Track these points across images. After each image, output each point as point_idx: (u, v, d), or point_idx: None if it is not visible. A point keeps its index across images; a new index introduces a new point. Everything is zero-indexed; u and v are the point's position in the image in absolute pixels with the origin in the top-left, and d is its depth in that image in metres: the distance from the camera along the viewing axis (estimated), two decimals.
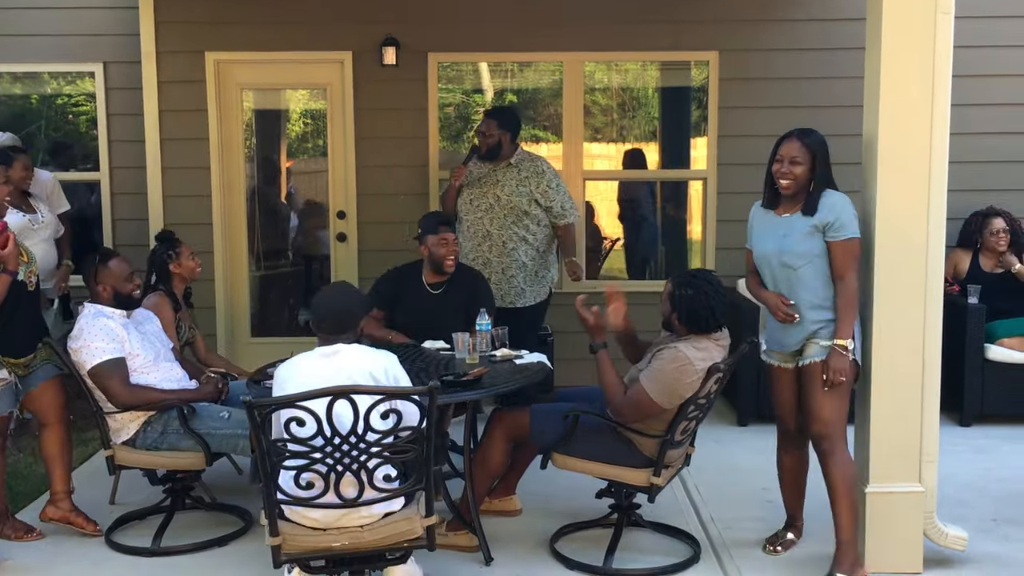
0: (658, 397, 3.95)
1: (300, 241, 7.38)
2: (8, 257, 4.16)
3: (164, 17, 6.67)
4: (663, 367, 3.96)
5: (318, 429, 3.31)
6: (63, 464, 4.55)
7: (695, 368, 3.93)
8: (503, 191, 5.87)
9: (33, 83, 7.16)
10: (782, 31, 6.72)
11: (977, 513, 4.71)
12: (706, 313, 3.98)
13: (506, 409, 4.44)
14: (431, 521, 3.53)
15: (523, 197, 5.86)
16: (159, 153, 6.77)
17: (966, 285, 6.28)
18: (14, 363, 4.35)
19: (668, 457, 4.08)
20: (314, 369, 3.55)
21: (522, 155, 5.98)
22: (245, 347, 7.08)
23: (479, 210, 5.91)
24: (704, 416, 4.17)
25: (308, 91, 7.25)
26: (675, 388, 3.95)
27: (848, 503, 3.94)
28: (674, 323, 4.07)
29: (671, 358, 3.96)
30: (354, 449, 3.34)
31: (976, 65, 6.47)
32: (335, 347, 3.61)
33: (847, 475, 3.94)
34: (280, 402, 3.40)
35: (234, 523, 4.60)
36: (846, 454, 3.98)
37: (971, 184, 6.44)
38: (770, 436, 4.42)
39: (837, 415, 3.94)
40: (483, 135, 5.93)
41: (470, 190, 5.96)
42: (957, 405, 6.15)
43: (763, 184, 4.10)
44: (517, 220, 5.87)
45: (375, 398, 3.32)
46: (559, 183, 5.98)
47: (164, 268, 5.06)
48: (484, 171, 5.96)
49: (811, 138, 3.96)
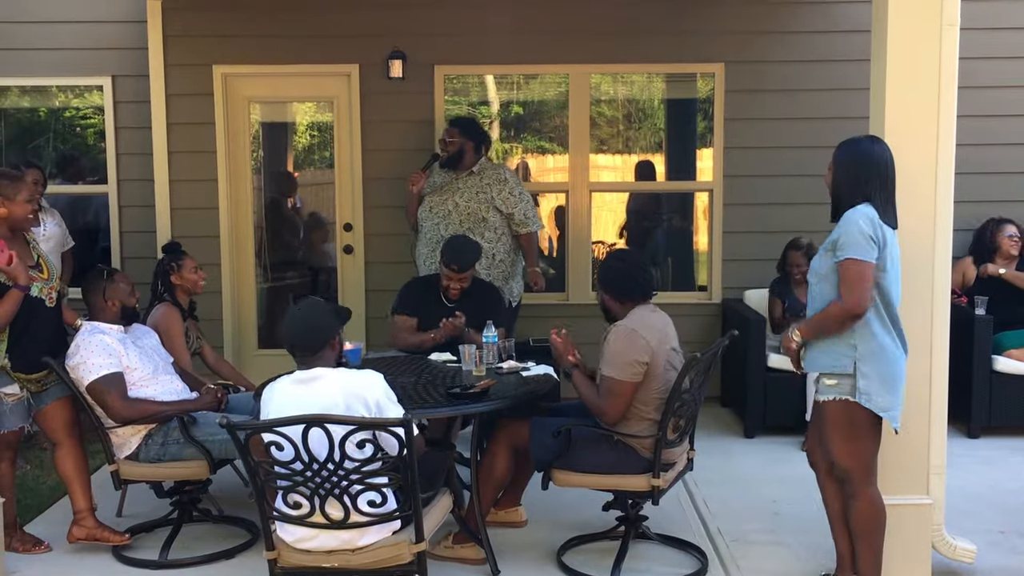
0: (620, 374, 3.98)
1: (307, 253, 7.40)
2: (13, 273, 4.17)
3: (172, 31, 6.71)
4: (610, 347, 4.04)
5: (296, 454, 3.31)
6: (81, 482, 4.52)
7: (638, 333, 4.00)
8: (462, 197, 5.88)
9: (41, 96, 7.20)
10: (787, 43, 6.74)
11: (985, 525, 4.69)
12: (629, 281, 4.11)
13: (509, 418, 4.44)
14: (421, 547, 3.51)
15: (482, 203, 5.87)
16: (167, 166, 6.80)
17: (973, 296, 6.27)
18: (27, 379, 4.35)
19: (666, 456, 4.08)
20: (288, 396, 3.51)
21: (485, 164, 6.01)
22: (252, 359, 7.09)
23: (436, 216, 5.92)
24: (695, 413, 4.18)
25: (315, 104, 7.28)
26: (629, 356, 3.98)
27: (867, 546, 3.79)
28: (609, 304, 4.17)
29: (613, 337, 4.05)
30: (333, 476, 3.34)
31: (984, 77, 6.49)
32: (313, 372, 3.53)
33: (866, 519, 3.77)
34: (255, 427, 3.41)
35: (241, 535, 4.61)
36: (867, 498, 3.76)
37: (978, 195, 6.45)
38: (777, 448, 4.42)
39: (854, 459, 3.73)
40: (445, 142, 5.94)
41: (431, 198, 5.97)
42: (965, 416, 6.12)
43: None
44: (473, 227, 5.83)
45: (350, 428, 3.29)
46: (522, 191, 6.00)
47: (167, 280, 5.09)
48: (446, 179, 5.97)
49: (841, 148, 3.76)
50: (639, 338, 3.99)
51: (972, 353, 6.03)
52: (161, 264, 5.14)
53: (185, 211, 6.83)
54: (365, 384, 3.52)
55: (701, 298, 6.97)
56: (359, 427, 3.31)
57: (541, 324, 6.63)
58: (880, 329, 3.62)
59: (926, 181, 3.93)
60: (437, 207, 5.93)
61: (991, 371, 6.10)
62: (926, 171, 3.93)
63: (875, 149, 3.70)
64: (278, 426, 3.31)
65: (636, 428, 4.08)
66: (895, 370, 3.66)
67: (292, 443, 3.29)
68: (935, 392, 4.01)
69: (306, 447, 3.29)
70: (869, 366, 3.62)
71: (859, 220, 3.56)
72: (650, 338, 4.02)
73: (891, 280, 3.64)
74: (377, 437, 3.41)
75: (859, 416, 3.66)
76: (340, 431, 3.28)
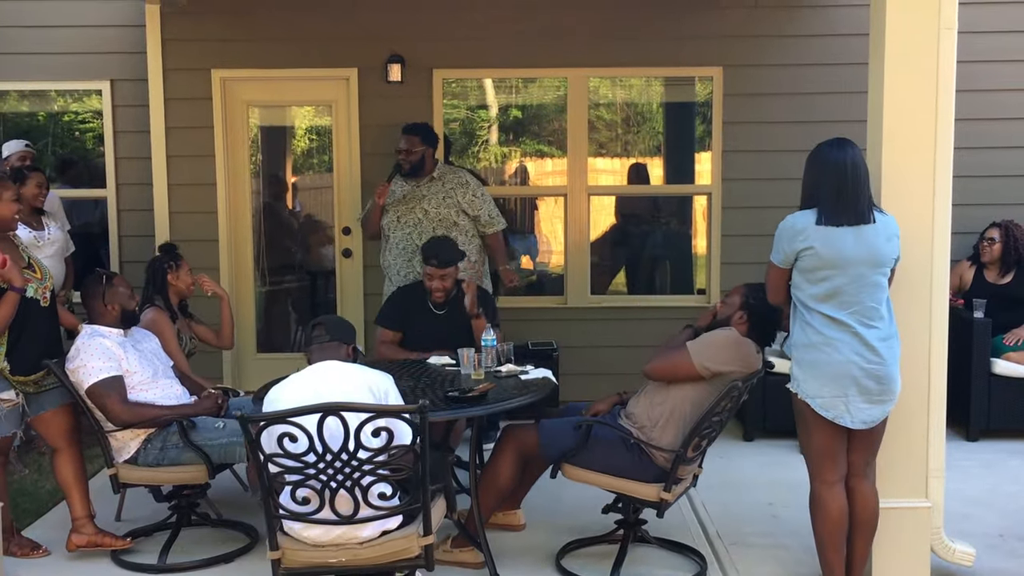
0: (697, 357, 4.05)
1: (305, 257, 7.40)
2: (8, 275, 4.17)
3: (171, 35, 6.71)
4: (714, 334, 4.15)
5: (310, 445, 3.31)
6: (80, 489, 4.51)
7: (741, 350, 4.08)
8: (430, 204, 5.89)
9: (40, 101, 7.21)
10: (786, 47, 6.74)
11: (984, 528, 4.69)
12: (772, 328, 4.21)
13: (516, 425, 4.44)
14: (429, 541, 3.52)
15: (451, 208, 5.90)
16: (165, 170, 6.80)
17: (971, 299, 6.28)
18: (24, 380, 4.35)
19: (679, 472, 4.08)
20: (306, 383, 3.55)
21: (443, 168, 6.04)
22: (251, 363, 7.09)
23: (407, 226, 5.91)
24: (717, 435, 4.18)
25: (314, 108, 7.29)
26: (712, 351, 4.07)
27: (825, 550, 3.90)
28: (735, 322, 4.20)
29: (725, 334, 4.14)
30: (346, 466, 3.34)
31: (983, 80, 6.50)
32: (328, 363, 3.62)
33: (811, 512, 3.91)
34: (272, 417, 3.41)
35: (240, 539, 4.60)
36: (814, 493, 3.90)
37: (978, 199, 6.46)
38: (776, 452, 4.43)
39: (804, 450, 3.95)
40: (406, 152, 5.91)
41: (395, 208, 5.95)
42: (963, 420, 6.13)
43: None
44: (446, 232, 5.83)
45: (366, 415, 3.32)
46: (484, 192, 6.04)
47: (163, 277, 5.07)
48: (407, 188, 5.97)
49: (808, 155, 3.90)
50: (736, 352, 4.08)
51: (971, 356, 6.04)
52: (157, 262, 5.11)
53: (184, 215, 6.83)
54: (378, 377, 3.61)
55: (700, 301, 6.97)
56: (376, 414, 3.33)
57: (540, 328, 6.65)
58: (812, 320, 3.75)
59: (924, 184, 3.93)
60: (405, 216, 5.92)
61: (990, 374, 6.10)
62: (924, 174, 3.93)
63: (830, 153, 3.79)
64: (297, 415, 3.31)
65: (668, 436, 4.10)
66: (827, 360, 3.72)
67: (307, 433, 3.29)
68: (933, 395, 4.01)
69: (321, 437, 3.29)
70: (799, 353, 3.82)
71: (780, 227, 3.83)
72: (738, 363, 4.07)
73: (837, 276, 3.69)
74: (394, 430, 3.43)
75: (799, 404, 3.85)
76: (355, 420, 3.29)
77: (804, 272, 3.76)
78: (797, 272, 3.79)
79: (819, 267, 3.71)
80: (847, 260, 3.68)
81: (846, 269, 3.69)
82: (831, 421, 3.76)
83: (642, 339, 6.56)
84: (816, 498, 3.89)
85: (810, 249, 3.70)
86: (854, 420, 3.75)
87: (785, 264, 3.81)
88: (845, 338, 3.71)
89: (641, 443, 4.12)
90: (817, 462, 3.87)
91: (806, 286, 3.77)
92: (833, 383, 3.73)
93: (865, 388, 3.72)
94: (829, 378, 3.73)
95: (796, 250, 3.74)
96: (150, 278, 5.10)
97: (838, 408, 3.74)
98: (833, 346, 3.71)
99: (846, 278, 3.69)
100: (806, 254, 3.72)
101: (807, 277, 3.75)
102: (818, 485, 3.88)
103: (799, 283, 3.80)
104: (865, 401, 3.73)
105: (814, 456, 3.88)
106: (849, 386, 3.72)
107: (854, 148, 3.79)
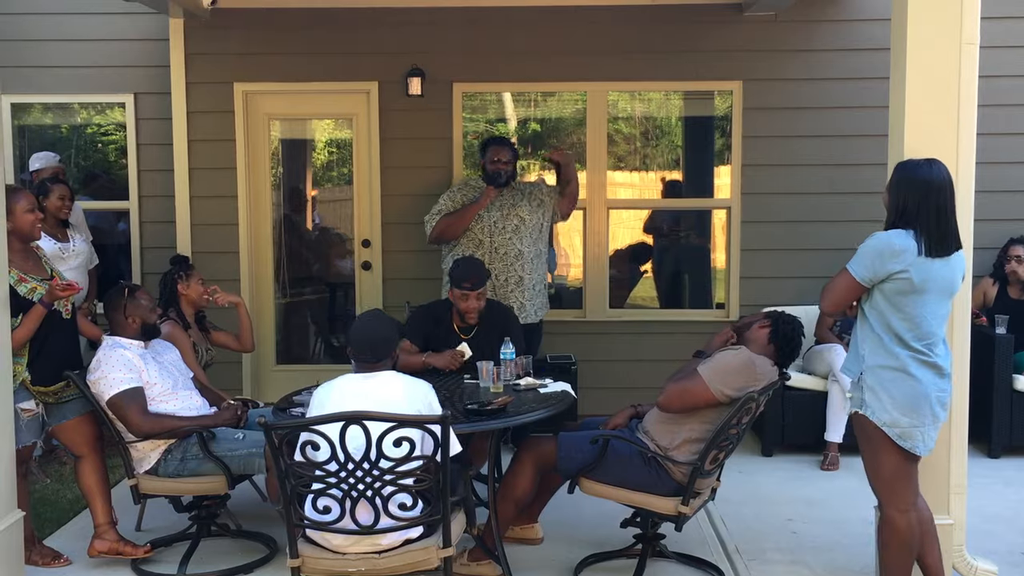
0: (709, 379, 4.02)
1: (325, 269, 7.43)
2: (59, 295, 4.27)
3: (194, 49, 6.77)
4: (725, 357, 4.11)
5: (332, 454, 3.33)
6: (102, 496, 4.54)
7: (754, 370, 4.04)
8: (524, 211, 5.98)
9: (64, 113, 7.28)
10: (805, 61, 6.74)
11: (1006, 545, 4.66)
12: (797, 347, 4.21)
13: (534, 436, 4.44)
14: (448, 552, 3.53)
15: (535, 212, 6.02)
16: (187, 182, 6.85)
17: (994, 316, 6.24)
18: (44, 391, 4.39)
19: (697, 485, 4.07)
20: (354, 387, 3.61)
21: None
22: (270, 374, 7.12)
23: (506, 231, 5.94)
24: (734, 448, 4.16)
25: (334, 121, 7.33)
26: (728, 377, 4.02)
27: (883, 566, 3.83)
28: (759, 336, 4.19)
29: (735, 352, 4.12)
30: (368, 476, 3.35)
31: (1005, 95, 6.48)
32: (374, 374, 3.67)
33: (886, 542, 3.80)
34: (293, 425, 3.43)
35: (259, 550, 4.61)
36: (889, 521, 3.76)
37: (995, 214, 6.41)
38: (796, 466, 4.41)
39: (872, 475, 3.79)
40: (503, 163, 5.96)
41: (489, 215, 5.99)
42: (985, 436, 6.09)
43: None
44: (540, 236, 6.04)
45: (388, 425, 3.33)
46: (541, 178, 6.51)
47: (173, 288, 5.12)
48: (498, 197, 6.02)
49: (895, 169, 3.77)
50: (753, 374, 4.05)
51: (993, 372, 6.01)
52: (168, 275, 5.19)
53: (205, 227, 6.87)
54: (422, 386, 3.68)
55: (719, 316, 6.95)
56: (398, 424, 3.34)
57: (558, 341, 6.64)
58: (891, 346, 3.63)
59: None
60: (501, 222, 5.96)
61: (1012, 390, 6.06)
62: None
63: (929, 172, 3.64)
64: (319, 423, 3.33)
65: (685, 450, 4.09)
66: (906, 389, 3.62)
67: (329, 442, 3.30)
68: (955, 412, 3.98)
69: (343, 446, 3.30)
70: (873, 378, 3.67)
71: (875, 243, 3.64)
72: (754, 383, 4.03)
73: (918, 304, 3.60)
74: (415, 440, 3.45)
75: (869, 429, 3.71)
76: (378, 429, 3.31)
77: (889, 295, 3.62)
78: (879, 293, 3.64)
79: (907, 292, 3.59)
80: (933, 289, 3.60)
81: (930, 298, 3.60)
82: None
83: (661, 353, 6.55)
84: (891, 525, 3.75)
85: (904, 273, 3.57)
86: (926, 447, 3.69)
87: (870, 282, 3.64)
88: (924, 367, 3.62)
89: (658, 457, 4.11)
90: (891, 488, 3.74)
91: (889, 310, 3.63)
92: (913, 413, 3.62)
93: (937, 416, 3.66)
94: (910, 408, 3.62)
95: (889, 272, 3.59)
96: (162, 290, 5.16)
97: (915, 438, 3.65)
98: (913, 375, 3.61)
99: (929, 307, 3.61)
100: (899, 277, 3.58)
101: (892, 301, 3.62)
102: (892, 512, 3.74)
103: (880, 304, 3.65)
104: (934, 428, 3.68)
105: (888, 482, 3.74)
106: (927, 415, 3.64)
107: (945, 168, 3.68)
